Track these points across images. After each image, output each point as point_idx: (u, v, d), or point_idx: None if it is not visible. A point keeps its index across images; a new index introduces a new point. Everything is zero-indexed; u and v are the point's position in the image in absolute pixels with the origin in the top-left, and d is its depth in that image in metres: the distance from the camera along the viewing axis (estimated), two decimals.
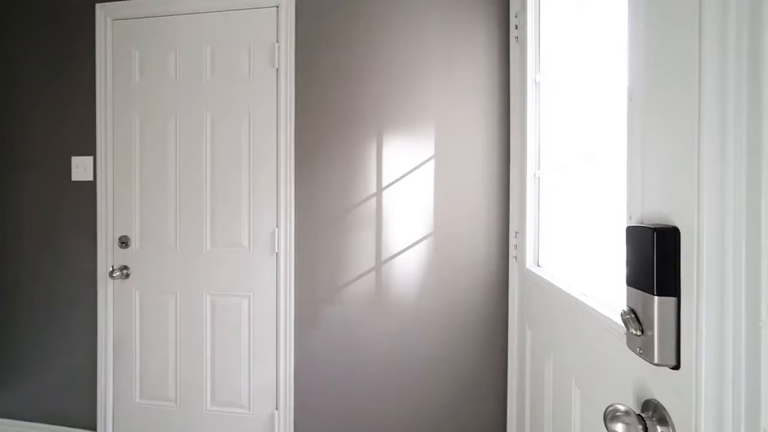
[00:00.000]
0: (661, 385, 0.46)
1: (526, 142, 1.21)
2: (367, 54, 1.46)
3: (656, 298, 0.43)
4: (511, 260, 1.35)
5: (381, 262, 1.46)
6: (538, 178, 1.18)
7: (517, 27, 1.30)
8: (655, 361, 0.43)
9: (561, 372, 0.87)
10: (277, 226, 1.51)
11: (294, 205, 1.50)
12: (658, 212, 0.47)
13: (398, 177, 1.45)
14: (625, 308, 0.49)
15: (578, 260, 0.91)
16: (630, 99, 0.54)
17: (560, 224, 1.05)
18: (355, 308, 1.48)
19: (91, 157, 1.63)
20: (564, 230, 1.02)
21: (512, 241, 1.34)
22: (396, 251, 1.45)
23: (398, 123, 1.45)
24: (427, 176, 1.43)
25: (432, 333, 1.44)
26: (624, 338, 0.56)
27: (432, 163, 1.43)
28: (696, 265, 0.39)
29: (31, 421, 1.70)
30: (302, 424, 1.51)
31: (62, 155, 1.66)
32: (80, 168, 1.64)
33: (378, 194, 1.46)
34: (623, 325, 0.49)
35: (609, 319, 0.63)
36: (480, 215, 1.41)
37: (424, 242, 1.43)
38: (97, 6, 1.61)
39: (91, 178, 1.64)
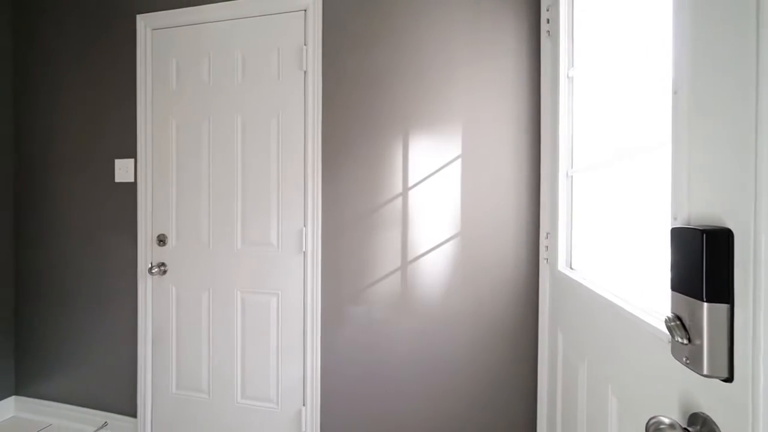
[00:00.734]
0: (712, 399, 0.43)
1: (557, 140, 1.17)
2: (394, 54, 1.46)
3: (706, 304, 0.41)
4: (542, 262, 1.31)
5: (407, 262, 1.45)
6: (571, 176, 1.14)
7: (548, 21, 1.26)
8: (705, 372, 0.40)
9: (596, 379, 0.83)
10: (304, 226, 1.54)
11: (321, 204, 1.53)
12: (708, 213, 0.44)
13: (424, 177, 1.44)
14: (670, 314, 0.47)
15: (615, 263, 0.87)
16: (675, 92, 0.51)
17: (595, 225, 1.01)
18: (380, 308, 1.48)
19: (132, 160, 1.73)
20: (599, 231, 0.97)
21: (543, 242, 1.30)
22: (422, 251, 1.44)
23: (424, 122, 1.44)
24: (453, 176, 1.41)
25: (458, 334, 1.42)
26: (668, 346, 0.53)
27: (459, 162, 1.41)
28: (753, 270, 0.36)
29: (79, 405, 1.83)
30: (328, 420, 1.54)
31: (106, 158, 1.77)
32: (122, 170, 1.74)
33: (404, 194, 1.45)
34: (667, 332, 0.46)
35: (650, 325, 0.60)
36: (508, 215, 1.38)
37: (451, 242, 1.42)
38: (138, 17, 1.70)
39: (132, 180, 1.73)
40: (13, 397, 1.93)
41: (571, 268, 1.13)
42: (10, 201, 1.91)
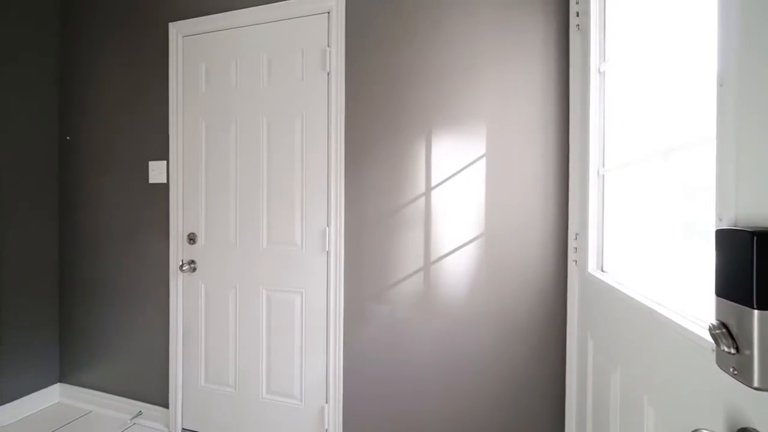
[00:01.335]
0: (764, 413, 0.40)
1: (588, 138, 1.13)
2: (417, 54, 1.45)
3: (756, 312, 0.38)
4: (570, 264, 1.27)
5: (429, 262, 1.44)
6: (603, 175, 1.09)
7: (578, 14, 1.22)
8: (755, 384, 0.38)
9: (630, 387, 0.80)
10: (327, 225, 1.56)
11: (344, 204, 1.54)
12: (758, 213, 0.41)
13: (447, 176, 1.42)
14: (715, 322, 0.44)
15: (650, 266, 0.82)
16: (720, 85, 0.48)
17: (628, 226, 0.96)
18: (402, 308, 1.48)
19: (165, 161, 1.81)
20: (633, 232, 0.93)
21: (572, 243, 1.25)
22: (445, 252, 1.42)
23: (447, 121, 1.42)
24: (477, 175, 1.39)
25: (481, 335, 1.39)
26: (712, 355, 0.50)
27: (483, 161, 1.38)
28: None
29: (117, 394, 1.93)
30: (350, 418, 1.55)
31: (141, 160, 1.86)
32: (156, 171, 1.82)
33: (426, 194, 1.44)
34: (711, 340, 0.44)
35: (691, 332, 0.57)
36: (535, 216, 1.34)
37: (474, 243, 1.39)
38: (170, 25, 1.77)
39: (165, 181, 1.81)
40: (58, 384, 2.06)
41: (602, 270, 1.09)
42: (56, 202, 2.04)
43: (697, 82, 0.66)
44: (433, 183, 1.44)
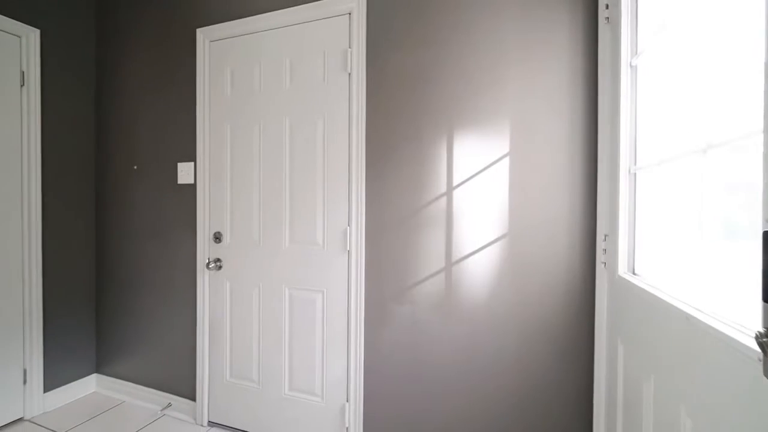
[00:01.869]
0: None
1: (618, 135, 1.08)
2: (438, 53, 1.44)
3: None
4: (599, 266, 1.22)
5: (451, 263, 1.42)
6: (634, 174, 1.05)
7: (608, 7, 1.17)
8: None
9: (666, 397, 0.76)
10: (348, 225, 1.57)
11: (365, 204, 1.55)
12: None
13: (470, 176, 1.40)
14: (762, 329, 0.41)
15: (688, 269, 0.78)
16: None
17: (663, 227, 0.92)
18: (423, 308, 1.47)
19: (192, 163, 1.87)
20: (668, 234, 0.88)
21: (600, 245, 1.21)
22: (467, 252, 1.40)
23: (470, 120, 1.40)
24: (501, 175, 1.36)
25: (504, 337, 1.37)
26: (758, 365, 0.46)
27: (507, 160, 1.35)
28: None
29: (148, 386, 2.02)
30: (371, 417, 1.55)
31: (170, 161, 1.94)
32: (184, 172, 1.89)
33: (448, 193, 1.43)
34: (758, 349, 0.41)
35: (734, 340, 0.53)
36: (561, 216, 1.30)
37: (498, 243, 1.37)
38: (198, 31, 1.83)
39: (192, 181, 1.87)
40: (95, 374, 2.17)
41: (633, 273, 1.04)
42: (93, 204, 2.15)
43: (741, 73, 0.62)
44: (455, 182, 1.42)
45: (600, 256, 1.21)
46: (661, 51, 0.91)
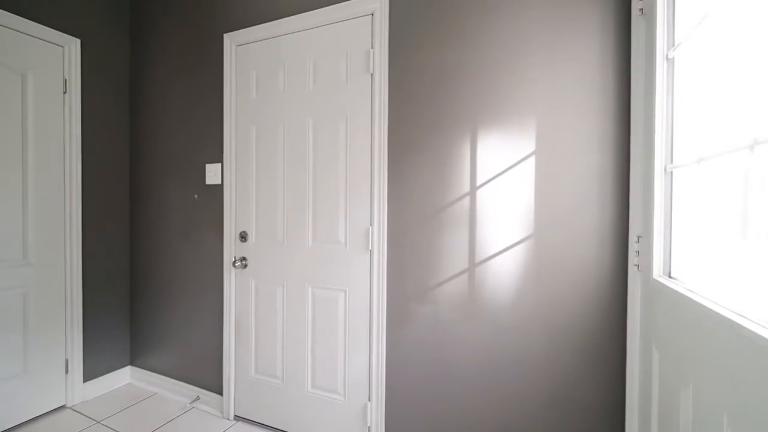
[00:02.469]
0: None
1: (653, 131, 1.04)
2: (461, 49, 1.42)
3: None
4: (631, 269, 1.17)
5: (474, 263, 1.40)
6: (671, 172, 1.00)
7: None
8: None
9: (705, 406, 0.72)
10: (370, 225, 1.58)
11: (387, 204, 1.55)
12: None
13: (494, 175, 1.38)
14: None
15: (731, 272, 0.74)
16: None
17: (703, 228, 0.87)
18: (446, 309, 1.46)
19: (219, 164, 1.93)
20: (709, 235, 0.84)
21: (633, 246, 1.16)
22: (491, 253, 1.38)
23: (494, 119, 1.37)
24: (526, 174, 1.33)
25: (530, 339, 1.33)
26: None
27: (532, 159, 1.32)
28: None
29: (178, 379, 2.10)
30: (393, 417, 1.55)
31: (199, 163, 2.00)
32: (212, 173, 1.95)
33: (471, 193, 1.41)
34: None
35: None
36: (591, 217, 1.26)
37: (523, 244, 1.34)
38: (225, 36, 1.89)
39: (219, 182, 1.93)
40: (129, 366, 2.28)
41: (669, 276, 0.99)
42: (127, 204, 2.26)
43: None
44: (479, 182, 1.40)
45: (632, 258, 1.16)
46: (702, 42, 0.86)
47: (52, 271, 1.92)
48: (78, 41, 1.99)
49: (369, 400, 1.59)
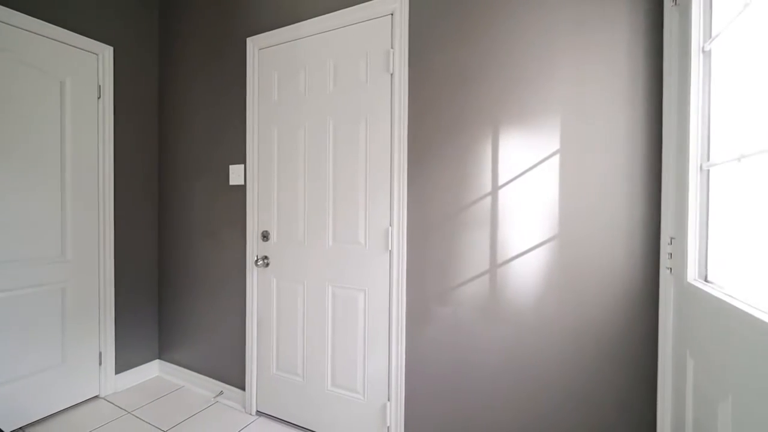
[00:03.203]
0: None
1: (687, 128, 0.99)
2: (482, 51, 1.39)
3: None
4: (663, 272, 1.12)
5: (496, 264, 1.38)
6: (707, 171, 0.94)
7: None
8: None
9: (747, 420, 0.68)
10: (390, 225, 1.58)
11: (406, 204, 1.54)
12: None
13: (516, 175, 1.35)
14: None
15: None
16: None
17: (743, 229, 0.82)
18: (466, 310, 1.44)
19: (242, 165, 1.98)
20: (751, 237, 0.79)
21: (665, 248, 1.11)
22: (513, 254, 1.35)
23: (516, 118, 1.34)
24: (550, 173, 1.29)
25: (554, 343, 1.30)
26: None
27: (557, 158, 1.28)
28: None
29: (202, 374, 2.16)
30: (412, 417, 1.55)
31: (222, 164, 2.06)
32: (235, 174, 2.00)
33: (493, 193, 1.38)
34: None
35: None
36: (619, 217, 1.21)
37: (547, 245, 1.30)
38: (248, 40, 1.93)
39: (242, 182, 1.98)
40: (158, 360, 2.37)
41: (705, 280, 0.94)
42: (156, 205, 2.35)
43: None
44: (501, 182, 1.37)
45: (664, 261, 1.11)
46: (743, 32, 0.81)
47: (87, 267, 2.02)
48: (111, 49, 2.08)
49: (388, 400, 1.59)
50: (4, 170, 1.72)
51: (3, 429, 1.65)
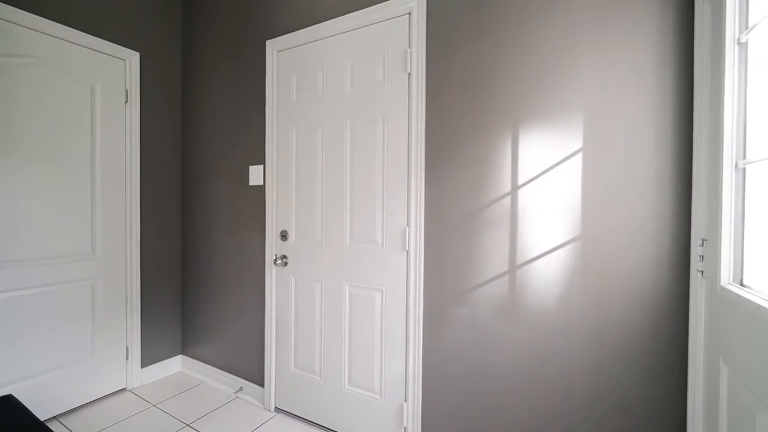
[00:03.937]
0: None
1: (721, 124, 0.94)
2: (501, 44, 1.37)
3: None
4: (694, 275, 1.07)
5: (515, 266, 1.35)
6: (743, 169, 0.90)
7: None
8: None
9: None
10: (407, 225, 1.57)
11: (424, 204, 1.53)
12: None
13: (536, 174, 1.32)
14: None
15: None
16: None
17: None
18: (484, 311, 1.42)
19: (262, 166, 2.01)
20: None
21: (696, 250, 1.06)
22: (533, 255, 1.32)
23: (537, 116, 1.31)
24: (573, 172, 1.26)
25: (575, 347, 1.26)
26: None
27: (579, 156, 1.25)
28: None
29: (223, 370, 2.22)
30: (429, 416, 1.54)
31: (242, 165, 2.10)
32: (254, 175, 2.04)
33: (513, 193, 1.36)
34: None
35: None
36: (646, 217, 1.16)
37: (570, 246, 1.27)
38: (267, 42, 1.96)
39: (261, 183, 2.02)
40: (180, 355, 2.44)
41: (741, 284, 0.89)
42: (179, 201, 2.42)
43: None
44: (520, 181, 1.34)
45: (695, 264, 1.06)
46: None
47: (115, 264, 2.10)
48: (137, 54, 2.16)
49: (405, 401, 1.59)
50: (43, 173, 1.81)
51: (38, 417, 1.74)
